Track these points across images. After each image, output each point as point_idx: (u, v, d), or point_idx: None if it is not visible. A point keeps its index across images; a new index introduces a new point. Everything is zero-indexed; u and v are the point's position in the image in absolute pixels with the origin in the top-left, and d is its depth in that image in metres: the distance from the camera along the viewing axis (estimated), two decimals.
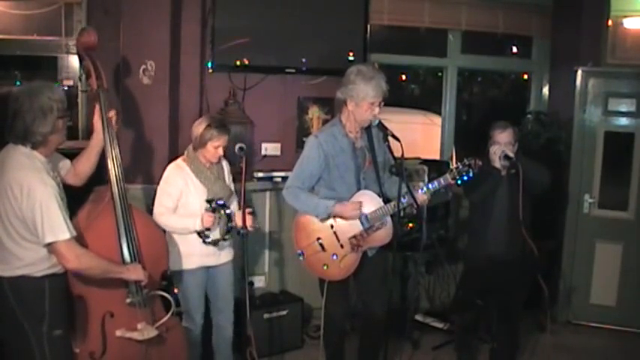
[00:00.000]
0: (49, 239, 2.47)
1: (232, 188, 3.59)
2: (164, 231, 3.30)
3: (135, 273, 2.81)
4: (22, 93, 2.57)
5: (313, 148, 3.27)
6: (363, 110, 3.19)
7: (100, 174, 3.03)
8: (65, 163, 2.91)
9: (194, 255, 3.41)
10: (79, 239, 2.61)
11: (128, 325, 2.84)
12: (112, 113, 2.97)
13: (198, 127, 3.40)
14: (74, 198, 2.79)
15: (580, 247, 4.97)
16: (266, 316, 4.15)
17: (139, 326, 2.85)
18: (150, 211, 3.44)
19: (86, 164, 2.98)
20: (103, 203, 2.91)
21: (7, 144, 2.61)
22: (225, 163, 3.62)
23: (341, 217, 3.25)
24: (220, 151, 3.43)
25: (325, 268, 3.29)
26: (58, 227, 2.48)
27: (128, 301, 2.84)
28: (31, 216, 2.46)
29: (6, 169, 2.52)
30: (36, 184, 2.47)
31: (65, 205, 2.59)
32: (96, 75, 2.96)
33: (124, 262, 2.84)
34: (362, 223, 3.26)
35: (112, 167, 2.90)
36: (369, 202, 3.28)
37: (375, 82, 3.16)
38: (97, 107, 2.95)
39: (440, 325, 4.67)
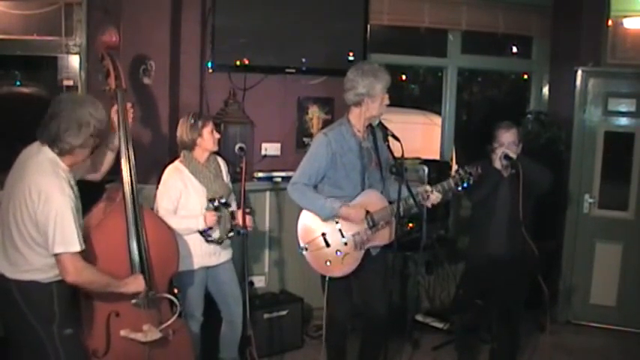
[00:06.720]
0: (58, 250, 2.46)
1: (230, 186, 3.60)
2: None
3: (134, 285, 2.79)
4: (66, 99, 2.58)
5: (322, 145, 3.28)
6: (378, 104, 3.28)
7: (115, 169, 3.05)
8: (85, 163, 2.92)
9: (194, 255, 3.42)
10: (89, 238, 2.62)
11: (133, 325, 2.84)
12: (129, 105, 2.99)
13: (184, 126, 3.46)
14: (85, 195, 2.78)
15: (580, 247, 4.97)
16: (266, 316, 4.14)
17: (144, 327, 2.85)
18: None
19: (104, 162, 3.00)
20: (114, 202, 2.91)
21: (33, 141, 2.60)
22: (222, 162, 3.62)
23: (346, 220, 3.26)
24: (216, 134, 3.48)
25: (328, 264, 3.29)
26: (69, 239, 2.47)
27: (134, 302, 2.83)
28: (44, 222, 2.45)
29: (28, 171, 2.51)
30: (54, 192, 2.46)
31: (80, 216, 2.59)
32: (115, 75, 2.97)
33: (132, 262, 2.84)
34: (367, 222, 3.27)
35: (126, 167, 2.89)
36: (375, 201, 3.30)
37: (381, 73, 3.27)
38: (115, 106, 2.96)
39: (440, 325, 4.67)
